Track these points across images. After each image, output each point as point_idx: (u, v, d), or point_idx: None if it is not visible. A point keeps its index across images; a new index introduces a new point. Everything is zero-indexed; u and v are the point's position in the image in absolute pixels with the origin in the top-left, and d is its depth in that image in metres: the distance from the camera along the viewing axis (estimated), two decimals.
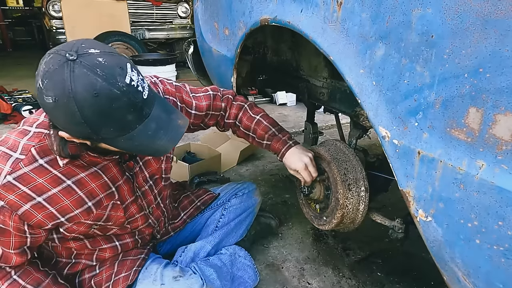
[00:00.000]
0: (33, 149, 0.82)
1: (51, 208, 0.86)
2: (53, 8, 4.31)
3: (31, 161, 0.82)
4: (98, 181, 0.92)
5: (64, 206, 0.88)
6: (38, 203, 0.83)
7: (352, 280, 1.39)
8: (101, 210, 0.96)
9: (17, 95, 3.71)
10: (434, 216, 0.69)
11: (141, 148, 0.77)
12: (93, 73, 0.66)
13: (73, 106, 0.66)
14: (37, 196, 0.83)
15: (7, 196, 0.79)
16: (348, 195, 1.05)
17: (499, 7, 0.52)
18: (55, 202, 0.86)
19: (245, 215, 1.40)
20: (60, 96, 0.66)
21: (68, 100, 0.65)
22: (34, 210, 0.83)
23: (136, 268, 1.06)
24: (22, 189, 0.81)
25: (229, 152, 2.45)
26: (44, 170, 0.83)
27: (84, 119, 0.67)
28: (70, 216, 0.90)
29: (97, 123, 0.69)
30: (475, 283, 0.67)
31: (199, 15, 1.74)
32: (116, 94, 0.67)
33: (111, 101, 0.67)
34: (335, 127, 2.96)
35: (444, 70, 0.61)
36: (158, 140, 0.76)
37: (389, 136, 0.74)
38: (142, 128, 0.73)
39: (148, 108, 0.74)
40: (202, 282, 1.06)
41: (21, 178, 0.80)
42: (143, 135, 0.74)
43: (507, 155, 0.55)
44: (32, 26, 8.61)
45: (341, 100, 1.39)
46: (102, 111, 0.67)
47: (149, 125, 0.74)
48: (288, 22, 0.98)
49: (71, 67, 0.65)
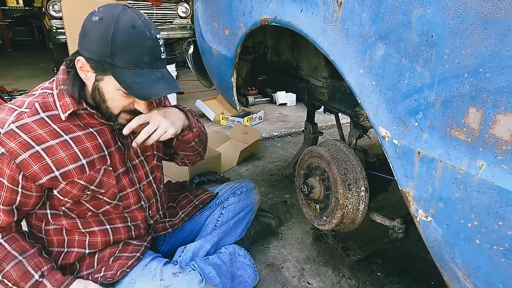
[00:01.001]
0: (37, 104, 0.92)
1: (48, 159, 0.90)
2: (53, 8, 4.31)
3: (34, 113, 0.90)
4: (92, 142, 0.98)
5: (59, 159, 0.92)
6: (37, 152, 0.89)
7: (352, 280, 1.39)
8: (94, 172, 0.99)
9: (17, 95, 3.71)
10: (434, 216, 0.69)
11: (139, 87, 0.87)
12: (138, 17, 0.87)
13: (112, 27, 0.83)
14: (36, 145, 0.89)
15: (8, 143, 0.86)
16: (348, 195, 1.05)
17: (499, 7, 0.52)
18: (52, 153, 0.91)
19: (244, 213, 1.40)
20: (107, 17, 0.84)
21: (111, 21, 0.84)
22: (32, 160, 0.88)
23: (124, 268, 1.05)
24: (23, 137, 0.87)
25: (229, 152, 2.45)
26: (45, 123, 0.91)
27: (112, 40, 0.83)
28: (64, 172, 0.93)
29: (120, 48, 0.84)
30: (475, 283, 0.67)
31: (199, 15, 1.74)
32: (146, 36, 0.86)
33: (140, 37, 0.86)
34: (335, 127, 2.96)
35: (444, 70, 0.61)
36: (158, 85, 0.89)
37: (389, 136, 0.74)
38: (149, 72, 0.89)
39: (160, 64, 0.91)
40: (201, 278, 1.06)
41: (23, 127, 0.88)
42: (148, 77, 0.88)
43: (507, 155, 0.55)
44: (32, 26, 8.60)
45: (341, 100, 1.39)
46: (130, 41, 0.85)
47: (155, 73, 0.90)
48: (288, 22, 0.98)
49: (124, 8, 0.88)
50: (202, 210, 1.39)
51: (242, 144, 2.51)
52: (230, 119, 3.20)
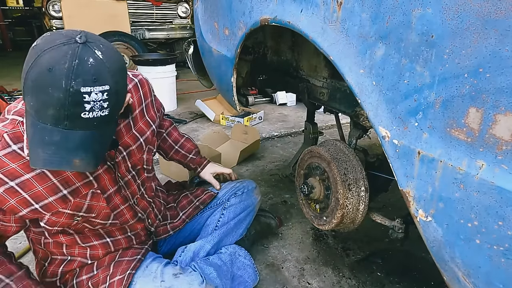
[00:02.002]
0: (6, 135, 0.83)
1: (24, 193, 0.85)
2: (53, 8, 4.31)
3: (4, 147, 0.82)
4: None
5: (37, 193, 0.86)
6: (11, 187, 0.83)
7: (352, 280, 1.39)
8: (80, 199, 0.94)
9: (17, 95, 3.71)
10: (434, 216, 0.69)
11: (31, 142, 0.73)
12: (71, 59, 0.68)
13: (31, 62, 0.68)
14: (10, 180, 0.83)
15: None
16: (348, 195, 1.05)
17: (499, 7, 0.52)
18: (28, 188, 0.85)
19: (245, 214, 1.40)
20: (39, 46, 0.69)
21: (35, 54, 0.68)
22: (7, 194, 0.83)
23: (130, 271, 1.05)
24: None
25: (229, 152, 2.45)
26: (17, 156, 0.83)
27: (26, 77, 0.68)
28: (45, 204, 0.88)
29: (28, 88, 0.69)
30: (475, 283, 0.67)
31: (199, 15, 1.74)
32: (59, 86, 0.67)
33: (50, 85, 0.67)
34: (335, 127, 2.96)
35: (444, 70, 0.61)
36: (44, 151, 0.72)
37: (389, 136, 0.74)
38: (48, 129, 0.70)
39: (72, 124, 0.70)
40: (202, 279, 1.06)
41: None
42: (41, 135, 0.71)
43: (507, 155, 0.55)
44: (32, 26, 8.60)
45: (341, 100, 1.39)
46: (37, 85, 0.68)
47: (55, 134, 0.71)
48: (288, 22, 0.98)
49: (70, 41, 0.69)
50: (203, 210, 1.39)
51: (242, 144, 2.51)
52: (230, 119, 3.20)
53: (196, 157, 1.47)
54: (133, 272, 1.05)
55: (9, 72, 5.38)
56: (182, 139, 1.46)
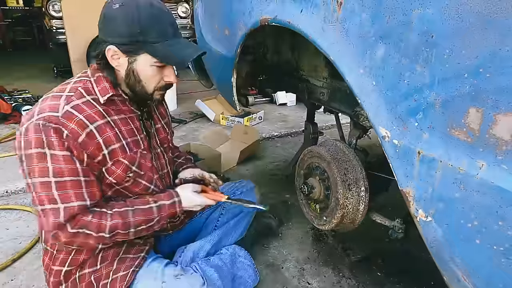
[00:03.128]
0: (80, 88, 0.97)
1: (99, 137, 0.95)
2: (53, 8, 4.30)
3: (80, 97, 0.95)
4: (127, 126, 1.04)
5: (107, 138, 0.97)
6: (91, 131, 0.94)
7: (352, 280, 1.39)
8: (133, 154, 1.04)
9: (17, 95, 3.71)
10: (434, 216, 0.69)
11: (174, 54, 0.96)
12: None
13: (134, 9, 0.90)
14: (90, 124, 0.94)
15: (69, 124, 0.90)
16: (348, 195, 1.05)
17: (499, 7, 0.52)
18: (102, 132, 0.96)
19: (244, 213, 1.40)
20: (126, 1, 0.91)
21: (132, 4, 0.91)
22: (88, 139, 0.93)
23: (134, 268, 1.05)
24: (78, 117, 0.92)
25: (229, 152, 2.45)
26: (91, 104, 0.96)
27: (139, 19, 0.90)
28: (111, 150, 0.98)
29: (147, 24, 0.92)
30: (475, 283, 0.67)
31: (199, 15, 1.74)
32: (164, 10, 0.97)
33: (161, 12, 0.95)
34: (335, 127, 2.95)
35: (444, 70, 0.61)
36: (187, 49, 0.98)
37: (389, 136, 0.74)
38: (176, 41, 0.98)
39: (179, 34, 1.01)
40: (203, 281, 1.06)
41: (76, 107, 0.93)
42: (177, 44, 0.98)
43: (507, 155, 0.55)
44: (32, 26, 8.59)
45: (341, 100, 1.39)
46: (154, 16, 0.93)
47: (180, 41, 1.00)
48: (288, 22, 0.98)
49: None
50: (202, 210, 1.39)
51: (242, 144, 2.51)
52: (230, 119, 3.20)
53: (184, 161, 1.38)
54: (137, 270, 1.06)
55: (9, 72, 5.37)
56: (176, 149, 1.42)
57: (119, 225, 0.98)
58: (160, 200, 1.08)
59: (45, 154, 0.88)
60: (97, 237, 0.95)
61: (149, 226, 1.05)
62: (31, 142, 0.87)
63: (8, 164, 2.30)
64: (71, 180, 0.91)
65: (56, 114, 0.89)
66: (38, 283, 1.33)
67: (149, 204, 1.05)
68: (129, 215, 1.00)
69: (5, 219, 1.75)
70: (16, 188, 2.01)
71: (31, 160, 0.88)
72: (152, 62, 0.96)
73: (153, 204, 1.06)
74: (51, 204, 0.90)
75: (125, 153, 1.02)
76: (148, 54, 0.95)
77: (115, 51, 0.94)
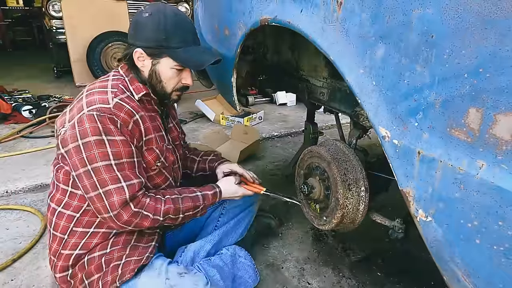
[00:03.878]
0: (120, 85, 1.08)
1: (141, 125, 1.07)
2: (53, 8, 4.30)
3: (122, 92, 1.06)
4: (153, 123, 1.13)
5: (147, 127, 1.09)
6: (136, 119, 1.05)
7: (352, 280, 1.39)
8: (162, 146, 1.15)
9: (17, 95, 3.70)
10: (434, 216, 0.69)
11: (192, 59, 1.09)
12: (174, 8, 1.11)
13: (162, 17, 1.03)
14: (136, 113, 1.05)
15: (120, 114, 1.00)
16: (348, 195, 1.05)
17: (499, 7, 0.52)
18: (143, 121, 1.07)
19: (244, 214, 1.40)
20: (154, 12, 1.04)
21: (160, 14, 1.04)
22: (135, 126, 1.04)
23: (149, 254, 1.10)
24: (126, 107, 1.03)
25: (229, 152, 2.45)
26: (133, 99, 1.07)
27: (164, 27, 1.03)
28: (148, 139, 1.10)
29: (172, 32, 1.04)
30: (475, 283, 0.67)
31: (199, 15, 1.74)
32: (186, 20, 1.10)
33: (183, 21, 1.08)
34: (335, 127, 2.96)
35: (444, 70, 0.61)
36: (205, 55, 1.12)
37: (389, 136, 0.74)
38: (195, 47, 1.11)
39: (199, 41, 1.15)
40: (207, 280, 1.07)
41: (123, 100, 1.03)
42: (196, 50, 1.11)
43: (507, 155, 0.55)
44: (32, 26, 8.59)
45: (341, 100, 1.39)
46: (177, 25, 1.06)
47: (199, 48, 1.13)
48: (288, 22, 0.98)
49: (163, 3, 1.11)
50: None
51: (242, 144, 2.51)
52: (230, 119, 3.20)
53: (215, 157, 1.45)
54: (152, 256, 1.11)
55: (9, 72, 5.37)
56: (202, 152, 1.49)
57: (171, 209, 1.08)
58: (204, 190, 1.20)
59: (103, 140, 0.97)
60: (152, 219, 1.05)
61: (195, 212, 1.16)
62: (87, 131, 0.96)
63: (8, 164, 2.30)
64: (127, 162, 1.02)
65: (108, 105, 0.99)
66: (38, 283, 1.33)
67: (195, 193, 1.17)
68: (179, 202, 1.11)
69: (5, 219, 1.75)
70: (16, 188, 2.01)
71: (90, 147, 0.97)
72: (172, 65, 1.07)
73: (199, 193, 1.18)
74: (114, 184, 0.99)
75: (158, 144, 1.13)
76: (170, 58, 1.06)
77: (141, 53, 1.06)
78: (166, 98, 1.16)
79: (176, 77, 1.11)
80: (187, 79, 1.14)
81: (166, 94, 1.14)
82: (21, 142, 2.69)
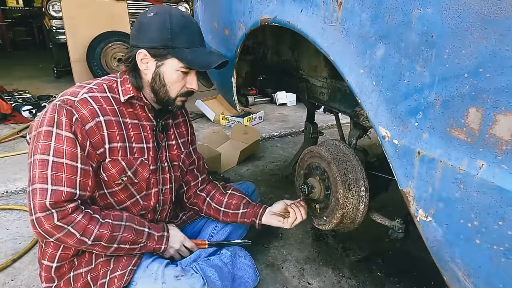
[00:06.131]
0: (104, 84, 1.04)
1: (105, 130, 0.98)
2: (53, 8, 4.30)
3: (101, 91, 1.02)
4: (136, 132, 1.07)
5: (112, 134, 1.00)
6: (100, 122, 0.97)
7: (352, 280, 1.39)
8: (133, 159, 1.06)
9: (17, 95, 3.70)
10: (434, 216, 0.69)
11: (199, 60, 1.03)
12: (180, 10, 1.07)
13: (167, 17, 0.99)
14: (101, 115, 0.98)
15: (81, 110, 0.94)
16: (348, 195, 1.05)
17: (499, 7, 0.52)
18: (109, 127, 0.99)
19: None
20: (160, 12, 1.00)
21: (165, 14, 1.00)
22: (95, 129, 0.97)
23: (131, 267, 1.05)
24: (92, 106, 0.97)
25: (229, 152, 2.45)
26: (109, 101, 1.02)
27: (171, 27, 0.98)
28: (112, 147, 1.01)
29: (178, 32, 0.99)
30: (475, 283, 0.67)
31: (199, 15, 1.74)
32: (193, 21, 1.06)
33: (190, 22, 1.04)
34: (335, 127, 2.96)
35: (444, 70, 0.61)
36: (211, 57, 1.07)
37: (389, 136, 0.74)
38: (201, 49, 1.06)
39: (204, 43, 1.10)
40: (203, 282, 1.06)
41: (93, 98, 0.98)
42: (202, 52, 1.06)
43: (507, 155, 0.55)
44: (32, 26, 8.59)
45: (341, 100, 1.39)
46: (184, 25, 1.01)
47: (205, 49, 1.09)
48: (288, 22, 0.98)
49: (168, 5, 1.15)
50: None
51: (242, 144, 2.51)
52: (230, 119, 3.20)
53: (246, 209, 1.29)
54: (135, 269, 1.05)
55: (9, 72, 5.37)
56: (225, 198, 1.33)
57: (105, 236, 0.98)
58: (153, 229, 1.12)
59: (52, 132, 0.92)
60: (78, 240, 0.94)
61: (131, 248, 1.05)
62: (44, 120, 0.93)
63: (8, 164, 2.30)
64: (68, 164, 0.92)
65: (74, 98, 0.95)
66: (38, 283, 1.33)
67: (143, 226, 1.09)
68: (120, 229, 1.02)
69: (5, 219, 1.75)
70: (16, 188, 2.01)
71: (39, 137, 0.92)
72: (178, 67, 1.01)
73: (146, 229, 1.09)
74: (41, 184, 0.89)
75: (125, 155, 1.04)
76: (175, 58, 1.00)
77: (145, 55, 1.00)
78: (169, 104, 1.08)
79: (181, 80, 1.04)
80: (193, 83, 1.06)
81: (170, 100, 1.07)
82: (21, 142, 2.68)
